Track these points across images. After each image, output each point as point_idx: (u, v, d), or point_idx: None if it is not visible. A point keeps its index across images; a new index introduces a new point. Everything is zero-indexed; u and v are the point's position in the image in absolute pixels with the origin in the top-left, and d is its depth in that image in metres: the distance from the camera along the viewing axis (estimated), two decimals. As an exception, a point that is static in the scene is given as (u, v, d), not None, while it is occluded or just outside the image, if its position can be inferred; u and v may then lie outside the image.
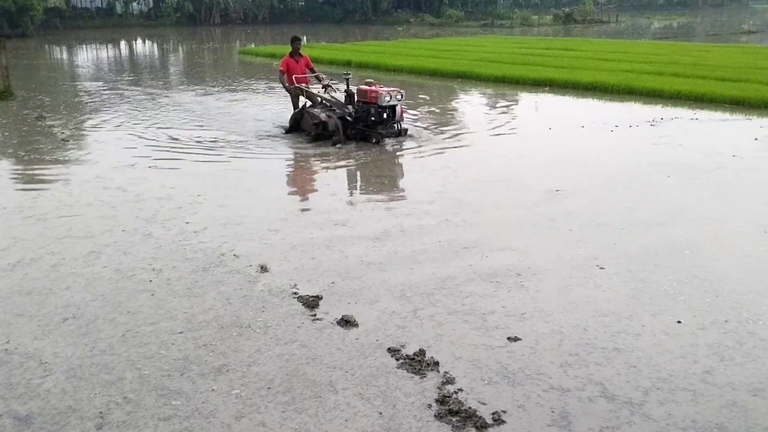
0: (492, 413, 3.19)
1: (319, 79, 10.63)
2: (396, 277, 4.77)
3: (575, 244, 5.42)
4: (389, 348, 3.80)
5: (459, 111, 13.16)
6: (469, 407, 3.23)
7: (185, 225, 5.99)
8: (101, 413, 3.22)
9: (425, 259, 5.10)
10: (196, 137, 10.21)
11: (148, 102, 14.27)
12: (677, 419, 3.14)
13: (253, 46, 33.01)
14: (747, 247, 5.35)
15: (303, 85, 10.46)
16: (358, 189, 7.47)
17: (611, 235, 5.62)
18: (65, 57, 29.93)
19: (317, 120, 9.47)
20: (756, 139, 9.51)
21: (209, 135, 10.39)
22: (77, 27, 50.82)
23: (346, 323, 4.10)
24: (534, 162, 8.55)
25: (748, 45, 27.98)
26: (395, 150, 9.11)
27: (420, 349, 3.76)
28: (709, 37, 34.34)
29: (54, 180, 7.87)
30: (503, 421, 3.13)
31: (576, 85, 15.30)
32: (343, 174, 8.08)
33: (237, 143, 9.74)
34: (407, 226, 5.91)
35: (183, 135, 10.40)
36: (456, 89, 16.05)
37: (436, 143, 9.59)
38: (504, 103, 13.88)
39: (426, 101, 13.84)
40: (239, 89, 16.58)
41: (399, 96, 9.37)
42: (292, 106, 10.78)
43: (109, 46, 36.25)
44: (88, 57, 29.41)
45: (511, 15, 55.80)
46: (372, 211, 6.42)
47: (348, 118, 9.53)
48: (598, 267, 4.92)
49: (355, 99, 9.51)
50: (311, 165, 8.73)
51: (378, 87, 9.32)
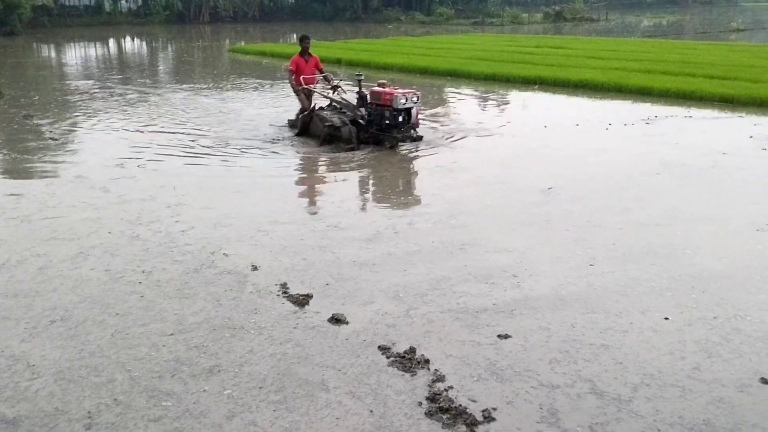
0: (482, 410, 3.20)
1: (329, 80, 10.31)
2: (390, 278, 4.74)
3: (572, 244, 5.40)
4: (380, 346, 3.81)
5: (451, 109, 13.16)
6: (459, 405, 3.25)
7: (174, 227, 5.94)
8: (90, 414, 3.20)
9: (419, 260, 5.07)
10: (193, 138, 10.07)
11: (138, 101, 14.20)
12: (665, 415, 3.17)
13: (243, 44, 32.93)
14: (740, 246, 5.37)
15: (311, 86, 10.13)
16: (352, 190, 7.36)
17: (608, 236, 5.60)
18: (54, 55, 29.71)
19: (328, 123, 9.16)
20: (751, 137, 9.55)
21: (211, 135, 10.22)
22: (65, 25, 50.44)
23: (337, 321, 4.11)
24: (531, 162, 8.48)
25: (737, 43, 28.13)
26: (407, 154, 8.86)
27: (411, 347, 3.77)
28: (699, 35, 34.54)
29: (41, 178, 7.81)
30: (493, 419, 3.15)
31: (566, 83, 15.36)
32: (340, 176, 7.95)
33: (241, 146, 9.45)
34: (400, 227, 5.87)
35: (176, 134, 10.33)
36: (447, 87, 16.05)
37: (444, 145, 9.33)
38: (496, 102, 13.92)
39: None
40: (232, 88, 16.52)
41: (415, 98, 8.90)
42: (300, 107, 10.39)
43: (98, 44, 36.01)
44: (76, 55, 29.21)
45: (502, 13, 55.88)
46: (365, 213, 6.37)
47: (360, 121, 9.15)
48: (594, 267, 4.91)
49: (368, 101, 9.14)
50: (314, 168, 8.63)
51: (393, 88, 8.95)
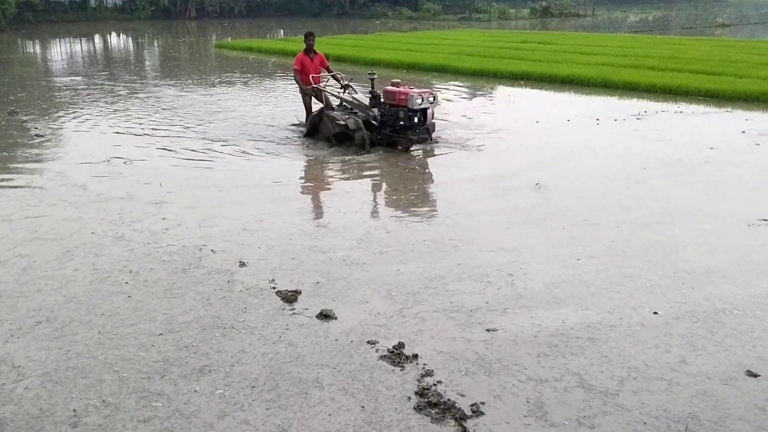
0: (470, 405, 3.23)
1: (337, 79, 9.89)
2: (382, 277, 4.72)
3: (568, 242, 5.38)
4: (370, 341, 3.83)
5: (440, 106, 13.11)
6: (448, 399, 3.28)
7: (158, 224, 5.90)
8: (77, 416, 3.19)
9: (412, 260, 5.03)
10: (181, 135, 10.01)
11: (126, 97, 14.09)
12: (650, 408, 3.20)
13: (230, 39, 32.74)
14: (733, 241, 5.39)
15: (320, 85, 9.75)
16: (342, 190, 7.28)
17: (604, 234, 5.57)
18: (39, 51, 29.41)
19: (339, 124, 8.75)
20: (743, 132, 9.61)
21: (203, 132, 10.13)
22: (50, 21, 49.92)
23: (327, 318, 4.11)
24: (525, 158, 8.37)
25: (722, 38, 28.31)
26: (418, 156, 8.56)
27: (400, 343, 3.79)
28: (684, 31, 34.71)
29: (24, 177, 7.74)
30: (482, 413, 3.18)
31: (553, 79, 15.41)
32: (334, 177, 7.83)
33: (243, 146, 9.25)
34: (393, 227, 5.82)
35: (166, 131, 10.27)
36: (434, 83, 16.04)
37: (437, 142, 9.08)
38: (485, 97, 13.92)
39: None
40: (222, 84, 16.42)
41: (431, 98, 8.47)
42: (305, 107, 10.08)
43: (83, 40, 35.67)
44: (62, 51, 28.91)
45: (489, 9, 55.86)
46: (356, 213, 6.30)
47: (373, 122, 8.79)
48: (589, 265, 4.90)
49: (381, 101, 8.72)
50: (311, 169, 8.37)
51: (407, 88, 8.53)
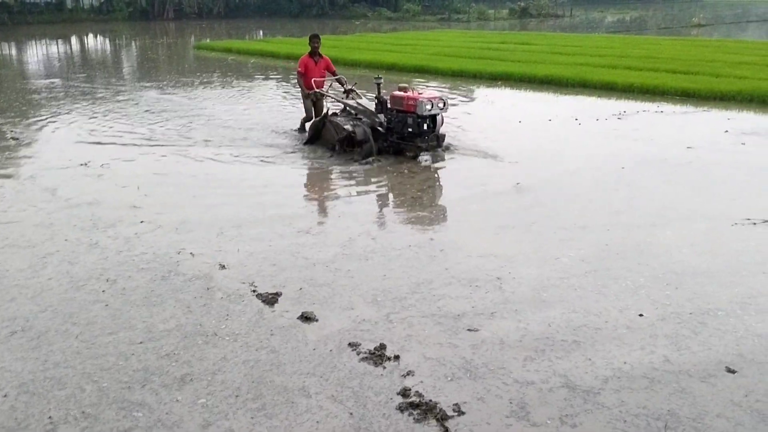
0: (453, 404, 3.24)
1: (342, 83, 9.52)
2: (368, 283, 4.64)
3: (557, 245, 5.34)
4: (351, 343, 3.80)
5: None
6: (430, 399, 3.29)
7: (136, 230, 5.80)
8: (54, 427, 3.12)
9: (398, 266, 4.95)
10: (171, 141, 9.81)
11: (105, 100, 13.91)
12: (630, 406, 3.22)
13: (209, 40, 32.55)
14: (719, 242, 5.41)
15: (323, 90, 9.46)
16: (325, 196, 7.16)
17: (593, 236, 5.51)
18: (15, 53, 28.97)
19: (344, 131, 8.35)
20: (726, 132, 9.69)
21: (191, 138, 9.89)
22: (26, 22, 49.24)
23: (309, 321, 4.08)
24: (511, 160, 8.25)
25: (698, 38, 28.70)
26: (427, 164, 8.15)
27: (383, 345, 3.78)
28: (661, 31, 35.14)
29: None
30: (463, 412, 3.18)
31: (532, 79, 15.50)
32: (315, 181, 7.72)
33: (227, 150, 9.02)
34: (377, 233, 5.72)
35: (143, 135, 10.16)
36: (415, 83, 16.04)
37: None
38: (466, 98, 13.93)
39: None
40: (202, 86, 16.28)
41: (441, 104, 8.09)
42: (305, 111, 9.75)
43: (60, 41, 35.24)
44: (38, 53, 28.52)
45: (468, 9, 56.12)
46: (339, 218, 6.21)
47: (379, 128, 8.38)
48: (578, 268, 4.87)
49: (388, 107, 8.34)
50: (294, 173, 7.99)
51: (416, 93, 8.13)
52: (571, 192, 6.90)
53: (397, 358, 3.67)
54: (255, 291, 4.55)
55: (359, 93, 9.34)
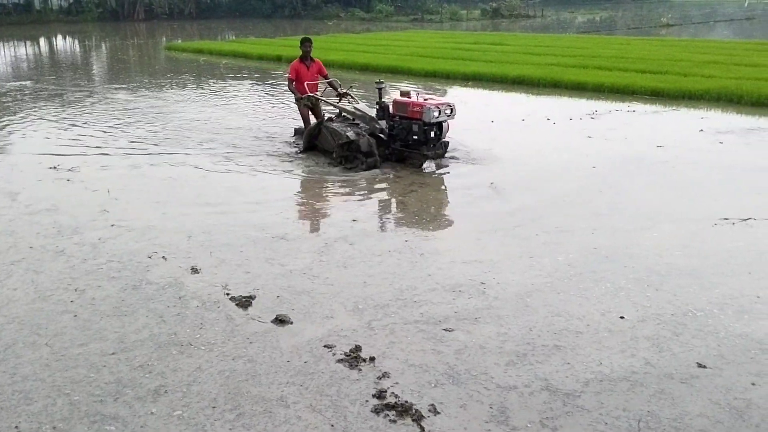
0: (429, 407, 3.23)
1: (335, 87, 9.13)
2: (348, 290, 4.55)
3: (541, 248, 5.30)
4: (334, 352, 3.73)
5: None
6: (406, 401, 3.28)
7: (105, 237, 5.67)
8: (27, 445, 3.03)
9: (378, 272, 4.86)
10: (143, 144, 9.66)
11: (74, 102, 13.66)
12: (609, 408, 3.21)
13: (180, 41, 32.23)
14: (700, 242, 5.43)
15: (317, 94, 9.02)
16: (301, 201, 6.98)
17: (577, 240, 5.49)
18: (-21, 56, 28.38)
19: (344, 138, 7.87)
20: (701, 131, 9.80)
21: (162, 142, 9.72)
22: (-8, 24, 48.32)
23: (286, 330, 4.02)
24: (490, 163, 8.14)
25: (666, 38, 29.14)
26: (431, 172, 7.83)
27: (356, 345, 3.75)
28: (630, 31, 35.58)
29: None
30: (438, 412, 3.18)
31: (504, 79, 15.60)
32: (292, 187, 7.47)
33: (197, 153, 8.89)
34: (355, 238, 5.60)
35: (118, 138, 9.99)
36: (388, 84, 16.03)
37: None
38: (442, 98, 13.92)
39: (361, 97, 13.74)
40: (173, 87, 16.09)
41: (449, 111, 7.68)
42: (302, 118, 9.33)
43: (29, 43, 34.61)
44: (6, 55, 27.94)
45: (440, 10, 56.30)
46: (315, 224, 6.09)
47: (380, 135, 7.98)
48: (561, 272, 4.83)
49: (391, 113, 7.93)
50: (268, 179, 7.64)
51: (421, 98, 7.75)
52: (554, 194, 6.86)
53: (373, 359, 3.64)
54: (228, 294, 4.48)
55: (355, 97, 8.94)
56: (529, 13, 56.28)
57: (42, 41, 36.25)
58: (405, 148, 7.91)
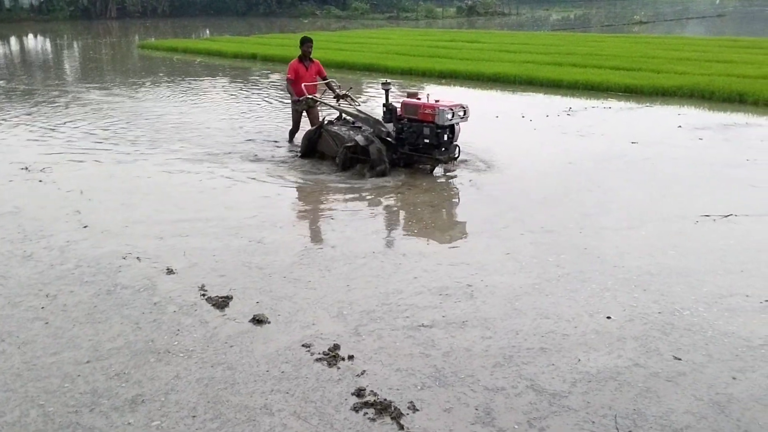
0: (409, 404, 3.21)
1: (332, 88, 8.76)
2: (332, 295, 4.44)
3: (528, 248, 5.23)
4: (319, 358, 3.66)
5: (374, 105, 13.08)
6: (384, 398, 3.27)
7: (77, 240, 5.55)
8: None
9: (361, 275, 4.75)
10: (117, 144, 9.48)
11: (45, 102, 13.41)
12: (595, 407, 3.20)
13: (153, 40, 31.87)
14: (688, 240, 5.41)
15: (317, 96, 8.69)
16: (276, 204, 6.64)
17: (564, 240, 5.41)
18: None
19: (349, 142, 7.49)
20: (680, 127, 9.88)
21: (137, 142, 9.50)
22: (-42, 23, 47.37)
23: (259, 322, 3.99)
24: (472, 162, 8.00)
25: (639, 35, 29.47)
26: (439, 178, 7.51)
27: (335, 346, 3.70)
28: (604, 28, 35.92)
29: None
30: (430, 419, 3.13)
31: (480, 77, 15.64)
32: (270, 189, 7.17)
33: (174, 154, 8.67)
34: (337, 241, 5.49)
35: (91, 138, 9.82)
36: (365, 82, 15.99)
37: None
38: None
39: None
40: (150, 87, 15.89)
41: (462, 112, 7.31)
42: (293, 122, 9.08)
43: (-3, 42, 34.02)
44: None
45: (416, 7, 56.37)
46: (293, 227, 5.93)
47: (388, 138, 7.55)
48: (549, 273, 4.77)
49: (398, 114, 7.57)
50: (245, 182, 7.39)
51: (432, 100, 7.35)
52: (540, 193, 6.79)
53: (351, 358, 3.61)
54: (205, 295, 4.40)
55: (355, 99, 8.60)
56: (505, 11, 56.56)
57: (13, 40, 35.59)
58: (414, 152, 7.54)
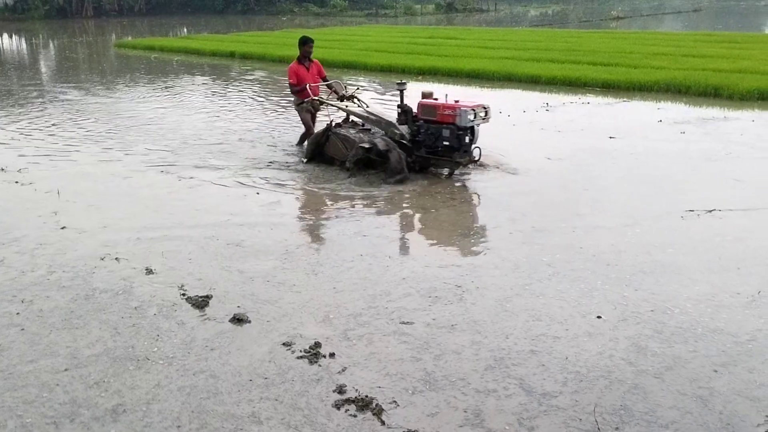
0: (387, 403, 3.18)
1: (335, 90, 8.35)
2: (318, 298, 4.35)
3: (519, 248, 5.17)
4: (292, 350, 3.63)
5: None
6: (367, 397, 3.24)
7: (54, 242, 5.45)
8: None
9: (348, 278, 4.66)
10: (94, 145, 9.34)
11: (21, 102, 13.21)
12: (583, 405, 3.19)
13: (130, 38, 31.54)
14: (679, 237, 5.39)
15: (323, 97, 8.31)
16: (255, 206, 6.45)
17: (556, 239, 5.32)
18: None
19: (365, 143, 7.09)
20: (660, 121, 9.93)
21: (113, 144, 9.31)
22: (-70, 22, 46.49)
23: (239, 321, 3.94)
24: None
25: (617, 30, 29.70)
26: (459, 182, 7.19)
27: (328, 350, 3.65)
28: (582, 24, 36.17)
29: None
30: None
31: (459, 73, 15.66)
32: (246, 191, 6.90)
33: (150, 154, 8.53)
34: (319, 244, 5.41)
35: (68, 138, 9.68)
36: (345, 79, 15.92)
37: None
38: (395, 93, 13.87)
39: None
40: (127, 87, 15.71)
41: (484, 113, 6.98)
42: (304, 126, 8.54)
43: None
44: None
45: (395, 4, 56.30)
46: (272, 230, 5.71)
47: (403, 141, 7.19)
48: (539, 273, 4.71)
49: (415, 116, 7.23)
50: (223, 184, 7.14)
51: (452, 100, 6.99)
52: (528, 191, 6.74)
53: (332, 357, 3.58)
54: (185, 295, 4.34)
55: (362, 100, 8.19)
56: (483, 8, 56.71)
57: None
58: (432, 155, 7.21)
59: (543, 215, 5.96)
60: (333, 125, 7.69)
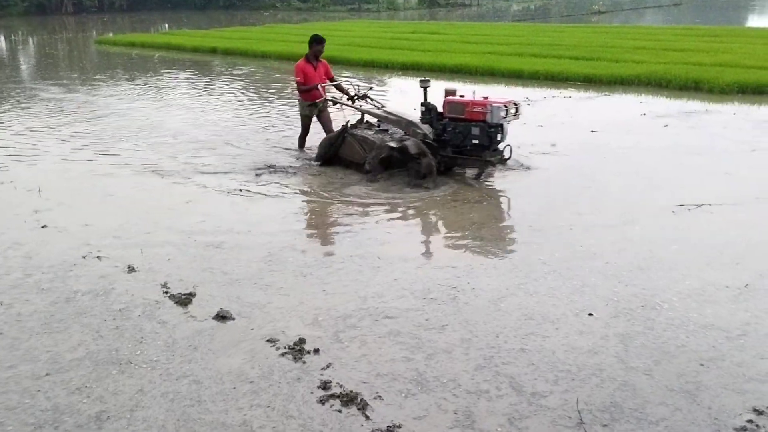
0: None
1: (343, 90, 8.05)
2: (308, 301, 4.27)
3: (519, 249, 5.12)
4: (277, 348, 3.60)
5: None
6: (356, 396, 3.23)
7: (35, 239, 5.40)
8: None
9: (337, 280, 4.58)
10: (80, 142, 9.19)
11: (6, 99, 13.07)
12: (572, 403, 3.18)
13: (111, 35, 31.18)
14: (670, 232, 5.39)
15: (335, 97, 8.09)
16: (237, 207, 6.31)
17: (551, 238, 5.27)
18: None
19: (392, 144, 6.77)
20: (644, 114, 9.98)
21: (96, 142, 9.20)
22: None
23: (224, 319, 3.92)
24: None
25: (598, 24, 29.79)
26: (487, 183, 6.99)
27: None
28: (564, 18, 36.25)
29: None
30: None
31: (442, 68, 15.66)
32: (226, 191, 6.77)
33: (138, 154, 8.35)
34: (306, 245, 5.29)
35: (50, 136, 9.55)
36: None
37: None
38: (379, 87, 13.86)
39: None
40: (109, 83, 15.53)
41: (514, 110, 6.75)
42: (302, 128, 8.24)
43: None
44: None
45: (377, -1, 56.16)
46: (258, 231, 5.58)
47: (427, 140, 6.85)
48: (534, 272, 4.66)
49: (441, 115, 6.96)
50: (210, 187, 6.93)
51: (483, 97, 6.76)
52: (520, 188, 6.70)
53: (327, 361, 3.54)
54: (168, 292, 4.29)
55: (376, 100, 7.89)
56: (466, 2, 56.64)
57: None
58: (459, 154, 6.93)
59: (541, 215, 5.90)
60: (349, 126, 7.36)
